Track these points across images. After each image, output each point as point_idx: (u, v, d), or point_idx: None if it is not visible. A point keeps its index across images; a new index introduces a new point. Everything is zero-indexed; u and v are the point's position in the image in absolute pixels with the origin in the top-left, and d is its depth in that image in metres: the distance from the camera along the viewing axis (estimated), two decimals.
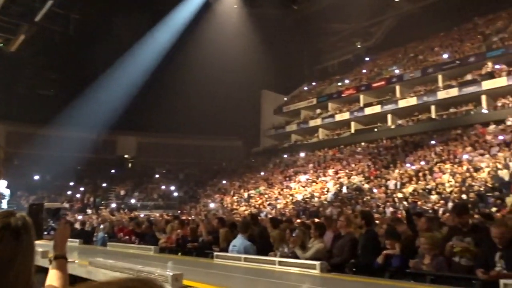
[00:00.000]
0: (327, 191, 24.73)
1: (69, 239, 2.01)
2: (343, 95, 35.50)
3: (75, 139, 37.19)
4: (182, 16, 30.42)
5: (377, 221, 10.14)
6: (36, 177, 33.50)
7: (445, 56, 30.25)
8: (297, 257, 6.28)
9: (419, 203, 18.17)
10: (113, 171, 38.68)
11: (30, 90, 35.37)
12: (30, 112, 33.49)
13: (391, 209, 18.68)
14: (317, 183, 26.76)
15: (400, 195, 20.21)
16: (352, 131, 33.49)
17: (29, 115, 33.65)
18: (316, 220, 11.14)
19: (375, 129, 31.96)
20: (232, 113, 36.86)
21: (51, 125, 33.32)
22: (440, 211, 15.63)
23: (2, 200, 12.74)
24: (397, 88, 31.48)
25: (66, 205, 31.03)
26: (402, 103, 30.12)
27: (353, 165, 27.12)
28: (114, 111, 32.30)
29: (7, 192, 13.45)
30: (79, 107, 31.31)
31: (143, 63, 31.82)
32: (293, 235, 7.13)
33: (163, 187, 35.26)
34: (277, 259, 6.08)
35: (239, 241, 7.05)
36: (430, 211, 15.65)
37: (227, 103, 36.12)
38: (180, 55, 33.06)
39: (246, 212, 25.49)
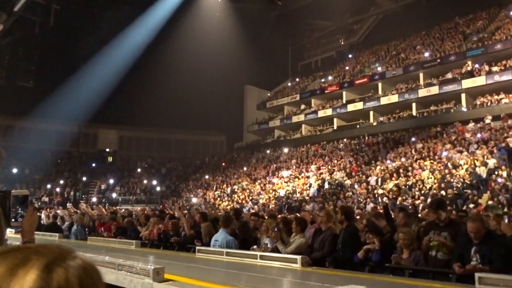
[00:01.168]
0: (310, 187, 24.92)
1: (47, 234, 2.00)
2: (326, 91, 35.73)
3: (55, 132, 36.68)
4: (165, 8, 30.13)
5: (357, 216, 10.29)
6: (15, 170, 32.79)
7: (426, 54, 30.72)
8: (278, 252, 6.34)
9: (399, 199, 18.46)
10: (94, 165, 38.20)
11: (9, 81, 34.67)
12: (9, 103, 32.77)
13: (371, 205, 18.95)
14: (299, 179, 26.93)
15: (380, 191, 20.50)
16: (335, 127, 33.78)
17: (7, 106, 32.91)
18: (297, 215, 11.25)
19: (357, 126, 32.29)
20: (215, 108, 36.80)
21: (30, 117, 32.77)
22: (420, 207, 15.91)
23: None
24: (379, 85, 31.84)
25: (46, 199, 30.58)
26: (384, 100, 30.48)
27: (335, 161, 27.37)
28: (95, 104, 31.85)
29: None
30: (59, 99, 30.74)
31: (125, 55, 31.41)
32: (275, 230, 7.19)
33: (145, 181, 35.01)
34: (258, 253, 6.13)
35: (221, 235, 7.06)
36: (410, 207, 15.93)
37: (211, 98, 36.08)
38: (163, 48, 32.84)
39: (229, 207, 25.54)
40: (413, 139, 25.49)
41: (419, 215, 9.42)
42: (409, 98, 29.06)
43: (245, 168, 33.06)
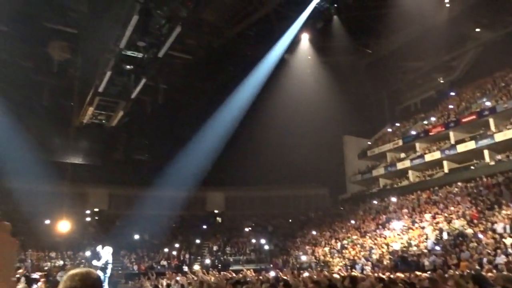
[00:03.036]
0: (426, 238, 23.07)
1: None
2: (430, 133, 33.81)
3: (169, 198, 39.23)
4: (260, 73, 31.66)
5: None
6: (136, 237, 35.42)
7: None
8: None
9: None
10: (204, 226, 39.87)
11: (127, 156, 38.41)
12: (128, 176, 36.12)
13: (503, 257, 16.89)
14: (413, 230, 25.15)
15: (510, 240, 18.24)
16: (446, 170, 31.47)
17: (127, 178, 36.25)
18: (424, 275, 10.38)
19: (472, 167, 29.74)
20: (315, 161, 36.70)
21: (147, 187, 35.58)
22: None
23: (108, 266, 13.25)
24: (491, 121, 29.31)
25: (165, 263, 32.32)
26: (499, 137, 27.84)
27: (451, 208, 25.20)
28: (202, 169, 33.86)
29: (110, 258, 14.15)
30: (171, 168, 33.22)
31: (227, 120, 33.21)
32: None
33: (253, 240, 35.42)
34: None
35: None
36: None
37: (310, 151, 36.15)
38: (261, 109, 34.14)
39: (341, 265, 24.58)
40: None
41: None
42: None
43: (352, 221, 31.91)
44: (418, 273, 14.18)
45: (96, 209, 38.29)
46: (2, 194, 33.92)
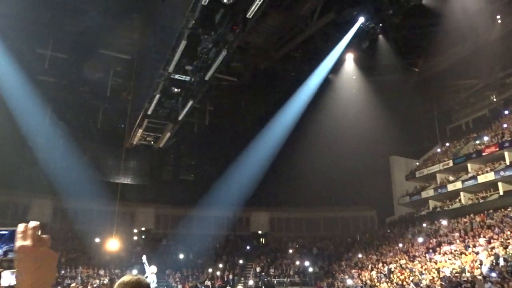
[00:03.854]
0: (480, 264, 21.91)
1: None
2: (483, 153, 32.36)
3: (214, 218, 39.89)
4: (305, 95, 31.86)
5: None
6: (181, 256, 35.99)
7: None
8: None
9: None
10: (248, 247, 39.90)
11: (174, 176, 39.51)
12: (175, 195, 37.04)
13: None
14: (466, 255, 23.96)
15: None
16: (501, 193, 29.90)
17: (174, 198, 37.17)
18: None
19: None
20: (361, 183, 36.06)
21: (192, 206, 36.29)
22: None
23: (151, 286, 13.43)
24: None
25: (209, 283, 32.55)
26: None
27: (508, 233, 23.85)
28: (248, 189, 34.17)
29: (155, 278, 14.27)
30: (216, 188, 33.80)
31: (271, 142, 33.52)
32: None
33: (297, 262, 35.00)
34: None
35: None
36: None
37: (356, 172, 35.62)
38: (306, 130, 34.21)
39: None
40: None
41: None
42: None
43: (400, 245, 30.85)
44: None
45: (143, 228, 39.39)
46: (59, 212, 35.89)
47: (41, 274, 1.02)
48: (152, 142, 26.24)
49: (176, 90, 20.06)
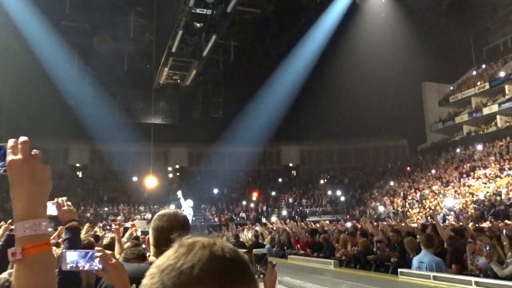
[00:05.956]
0: None
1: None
2: None
3: (244, 153, 40.43)
4: (330, 21, 30.38)
5: None
6: (215, 191, 37.07)
7: None
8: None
9: None
10: (280, 180, 40.59)
11: (204, 114, 39.65)
12: (205, 133, 37.42)
13: None
14: (501, 178, 23.49)
15: None
16: None
17: (205, 136, 37.59)
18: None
19: None
20: (392, 111, 35.18)
21: (223, 143, 36.70)
22: None
23: (189, 217, 13.60)
24: None
25: (243, 215, 33.63)
26: None
27: None
28: (276, 123, 34.09)
29: (191, 210, 14.62)
30: (245, 124, 33.83)
31: (298, 72, 32.70)
32: (487, 248, 6.32)
33: (329, 192, 35.46)
34: (473, 279, 5.45)
35: (427, 257, 6.51)
36: None
37: (386, 101, 34.64)
38: (333, 59, 33.00)
39: (421, 215, 23.87)
40: None
41: None
42: None
43: (433, 171, 30.54)
44: (508, 222, 13.35)
45: (177, 166, 40.48)
46: (97, 156, 37.15)
47: (35, 188, 1.01)
48: (179, 81, 26.06)
49: (198, 25, 19.43)
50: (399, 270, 6.68)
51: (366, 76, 33.47)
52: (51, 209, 2.20)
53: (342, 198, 34.05)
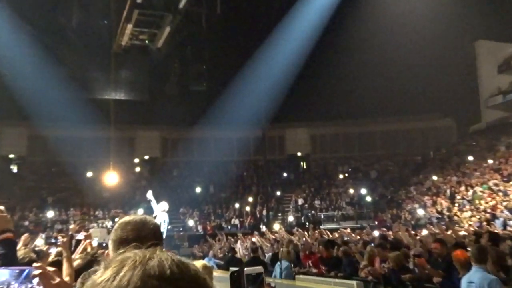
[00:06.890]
0: None
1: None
2: None
3: (237, 139, 40.32)
4: None
5: None
6: (198, 190, 37.04)
7: None
8: None
9: None
10: (285, 174, 40.63)
11: (182, 88, 39.40)
12: (184, 113, 37.26)
13: None
14: None
15: None
16: None
17: (183, 116, 37.46)
18: None
19: None
20: (434, 82, 35.16)
21: (208, 126, 36.59)
22: None
23: (163, 224, 12.86)
24: None
25: (236, 221, 33.71)
26: None
27: None
28: (278, 100, 33.84)
29: (166, 217, 13.53)
30: (237, 100, 33.58)
31: (306, 30, 32.38)
32: None
33: (351, 190, 35.60)
34: None
35: (477, 274, 6.52)
36: None
37: (425, 69, 34.54)
38: (353, 12, 32.74)
39: (474, 220, 24.02)
40: None
41: None
42: None
43: (490, 161, 30.74)
44: None
45: (146, 157, 40.40)
46: (37, 143, 36.91)
47: None
48: (147, 42, 25.75)
49: None
50: None
51: (398, 37, 33.23)
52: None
53: (368, 198, 34.22)
